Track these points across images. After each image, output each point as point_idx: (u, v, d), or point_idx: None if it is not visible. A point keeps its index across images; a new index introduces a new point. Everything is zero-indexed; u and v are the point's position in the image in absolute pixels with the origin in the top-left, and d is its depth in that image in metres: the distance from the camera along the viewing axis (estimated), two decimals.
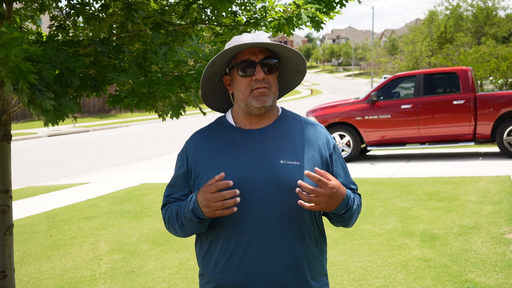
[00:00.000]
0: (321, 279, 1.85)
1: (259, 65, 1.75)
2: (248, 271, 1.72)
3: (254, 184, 1.73)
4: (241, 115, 1.83)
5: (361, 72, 76.93)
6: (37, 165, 12.68)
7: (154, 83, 2.70)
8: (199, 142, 1.85)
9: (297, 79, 1.92)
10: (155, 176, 9.98)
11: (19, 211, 7.32)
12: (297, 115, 1.91)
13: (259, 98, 1.76)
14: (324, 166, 1.82)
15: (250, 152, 1.76)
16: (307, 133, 1.83)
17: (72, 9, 3.27)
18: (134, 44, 3.31)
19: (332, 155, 1.85)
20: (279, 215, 1.73)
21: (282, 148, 1.77)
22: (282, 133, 1.81)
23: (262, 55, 1.76)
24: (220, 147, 1.80)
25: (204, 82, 1.88)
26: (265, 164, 1.74)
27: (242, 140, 1.80)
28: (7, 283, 3.13)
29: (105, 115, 30.16)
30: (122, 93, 2.71)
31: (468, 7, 30.20)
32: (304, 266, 1.77)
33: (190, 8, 3.16)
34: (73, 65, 2.65)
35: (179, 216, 1.78)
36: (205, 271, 1.82)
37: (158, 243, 5.49)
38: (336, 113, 10.71)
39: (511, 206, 6.11)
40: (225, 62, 1.83)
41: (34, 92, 2.44)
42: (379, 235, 5.32)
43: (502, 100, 9.90)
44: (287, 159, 1.76)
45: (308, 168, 1.76)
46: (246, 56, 1.76)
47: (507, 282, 3.94)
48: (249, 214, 1.72)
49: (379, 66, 29.11)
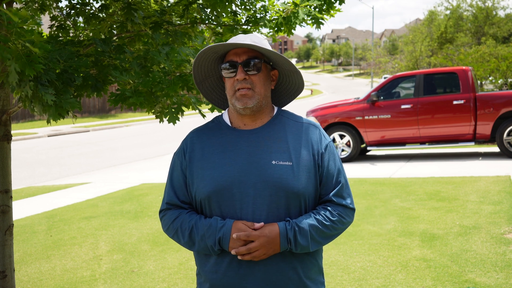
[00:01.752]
0: (316, 277, 1.85)
1: (240, 66, 1.77)
2: (242, 271, 1.75)
3: (246, 184, 1.74)
4: (235, 115, 1.86)
5: (361, 72, 76.95)
6: (37, 165, 12.68)
7: (156, 81, 2.70)
8: (195, 141, 1.87)
9: (297, 80, 1.91)
10: (155, 176, 9.98)
11: (19, 211, 7.32)
12: (292, 115, 1.91)
13: (241, 99, 1.78)
14: (316, 167, 1.81)
15: (243, 152, 1.78)
16: (301, 133, 1.83)
17: (72, 9, 3.28)
18: (135, 44, 3.31)
19: (324, 156, 1.83)
20: (271, 215, 1.75)
21: (274, 149, 1.78)
22: (275, 134, 1.82)
23: (246, 56, 1.78)
24: (214, 147, 1.82)
25: (202, 82, 1.92)
26: (257, 164, 1.76)
27: (235, 140, 1.81)
28: (7, 283, 3.13)
29: (105, 115, 30.16)
30: (126, 93, 2.72)
31: (468, 7, 30.19)
32: (297, 266, 1.79)
33: (189, 8, 3.16)
34: (77, 64, 2.66)
35: (193, 235, 1.78)
36: (201, 270, 1.84)
37: (158, 243, 5.49)
38: (336, 113, 10.71)
39: (511, 206, 6.11)
40: (217, 63, 1.87)
41: (37, 85, 2.45)
42: (379, 235, 5.32)
43: (502, 100, 9.91)
44: (279, 159, 1.77)
45: (299, 169, 1.77)
46: (231, 57, 1.80)
47: (507, 282, 3.94)
48: (241, 215, 1.75)
49: (379, 66, 29.13)
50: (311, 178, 1.79)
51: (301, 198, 1.77)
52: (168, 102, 2.95)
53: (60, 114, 2.63)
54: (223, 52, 1.83)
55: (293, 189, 1.75)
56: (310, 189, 1.79)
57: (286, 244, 1.72)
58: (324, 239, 1.80)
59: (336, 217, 1.80)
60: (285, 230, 1.72)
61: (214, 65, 1.89)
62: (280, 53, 1.78)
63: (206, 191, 1.78)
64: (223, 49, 1.80)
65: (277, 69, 1.89)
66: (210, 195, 1.77)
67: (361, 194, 7.21)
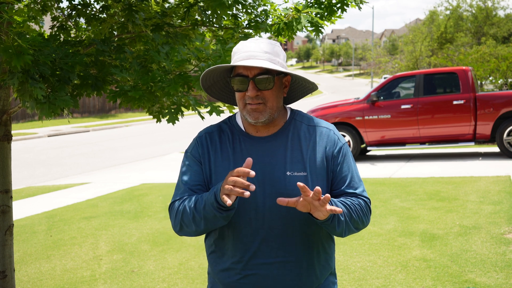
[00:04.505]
0: (328, 278, 1.86)
1: (252, 81, 1.68)
2: (254, 280, 1.73)
3: (261, 195, 1.70)
4: (247, 121, 1.78)
5: (361, 72, 76.91)
6: (37, 165, 12.68)
7: (156, 79, 2.70)
8: (210, 143, 1.80)
9: (310, 83, 1.85)
10: (155, 176, 9.98)
11: (19, 211, 7.32)
12: (306, 118, 1.83)
13: (252, 114, 1.71)
14: (330, 172, 1.77)
15: (257, 163, 1.71)
16: (315, 138, 1.78)
17: (74, 10, 3.28)
18: (135, 45, 3.32)
19: (336, 159, 1.78)
20: (286, 225, 1.72)
21: (288, 159, 1.73)
22: (289, 142, 1.76)
23: (257, 70, 1.68)
24: (229, 154, 1.76)
25: (209, 87, 1.85)
26: (271, 176, 1.71)
27: (249, 148, 1.75)
28: (7, 283, 3.14)
29: (105, 115, 30.15)
30: (125, 87, 2.71)
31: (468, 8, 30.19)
32: (312, 273, 1.77)
33: (191, 10, 3.16)
34: (72, 61, 2.65)
35: (198, 205, 1.66)
36: (215, 272, 1.82)
37: (158, 243, 5.50)
38: (336, 113, 10.71)
39: (511, 206, 6.12)
40: (227, 71, 1.79)
41: (26, 78, 2.43)
42: (379, 235, 5.33)
43: (502, 100, 9.91)
44: (294, 170, 1.72)
45: (314, 179, 1.72)
46: (241, 70, 1.70)
47: (507, 282, 3.94)
48: (256, 225, 1.72)
49: (379, 66, 29.11)
50: (324, 186, 1.75)
51: None
52: (168, 103, 2.95)
53: (54, 112, 2.60)
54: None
55: None
56: None
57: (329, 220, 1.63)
58: (353, 223, 1.72)
59: (360, 206, 1.75)
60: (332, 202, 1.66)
61: (222, 74, 1.81)
62: (296, 73, 1.71)
63: None
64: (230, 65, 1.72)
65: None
66: None
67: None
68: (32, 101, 2.55)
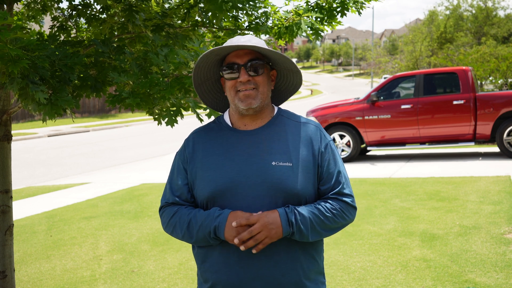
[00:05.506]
0: (316, 277, 1.85)
1: (243, 68, 1.79)
2: (242, 271, 1.75)
3: (246, 185, 1.76)
4: (235, 116, 1.87)
5: (361, 72, 76.92)
6: (37, 165, 12.68)
7: (154, 84, 2.70)
8: (197, 142, 1.89)
9: (296, 79, 1.93)
10: (155, 176, 9.98)
11: (19, 211, 7.32)
12: (293, 115, 1.92)
13: (244, 100, 1.79)
14: (316, 167, 1.82)
15: (243, 154, 1.79)
16: (301, 133, 1.84)
17: (74, 10, 3.28)
18: (135, 45, 3.32)
19: (324, 155, 1.83)
20: None
21: (274, 150, 1.79)
22: (275, 134, 1.83)
23: (247, 57, 1.79)
24: (215, 148, 1.84)
25: (200, 85, 1.93)
26: (257, 165, 1.77)
27: (236, 141, 1.83)
28: (7, 283, 3.14)
29: (105, 115, 30.16)
30: (123, 94, 2.72)
31: (468, 7, 30.20)
32: (298, 266, 1.79)
33: (191, 11, 3.16)
34: (72, 62, 2.65)
35: (191, 226, 1.78)
36: (202, 270, 1.85)
37: (158, 243, 5.50)
38: (336, 113, 10.71)
39: (511, 206, 6.12)
40: (217, 65, 1.88)
41: (27, 83, 2.43)
42: (379, 235, 5.33)
43: (502, 100, 9.91)
44: (279, 160, 1.77)
45: (299, 170, 1.77)
46: (232, 59, 1.81)
47: (507, 282, 3.94)
48: None
49: (379, 66, 29.11)
50: (310, 179, 1.80)
51: (301, 199, 1.78)
52: (167, 105, 2.95)
53: (57, 113, 2.61)
54: (224, 54, 1.84)
55: (292, 190, 1.76)
56: (310, 190, 1.80)
57: (288, 227, 1.71)
58: (324, 230, 1.78)
59: (337, 211, 1.80)
60: (285, 213, 1.72)
61: (213, 68, 1.89)
62: (282, 53, 1.80)
63: (206, 192, 1.79)
64: (225, 52, 1.81)
65: (276, 68, 1.91)
66: (210, 196, 1.79)
67: (361, 194, 7.22)
68: (34, 103, 2.55)
